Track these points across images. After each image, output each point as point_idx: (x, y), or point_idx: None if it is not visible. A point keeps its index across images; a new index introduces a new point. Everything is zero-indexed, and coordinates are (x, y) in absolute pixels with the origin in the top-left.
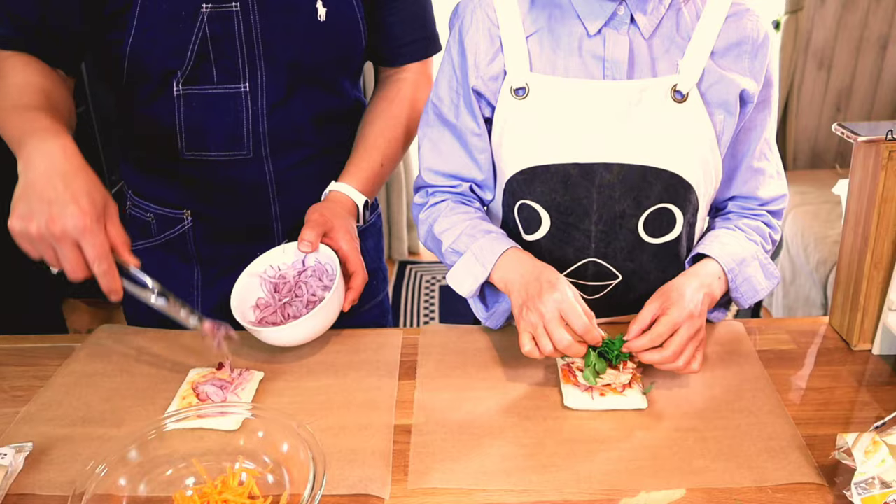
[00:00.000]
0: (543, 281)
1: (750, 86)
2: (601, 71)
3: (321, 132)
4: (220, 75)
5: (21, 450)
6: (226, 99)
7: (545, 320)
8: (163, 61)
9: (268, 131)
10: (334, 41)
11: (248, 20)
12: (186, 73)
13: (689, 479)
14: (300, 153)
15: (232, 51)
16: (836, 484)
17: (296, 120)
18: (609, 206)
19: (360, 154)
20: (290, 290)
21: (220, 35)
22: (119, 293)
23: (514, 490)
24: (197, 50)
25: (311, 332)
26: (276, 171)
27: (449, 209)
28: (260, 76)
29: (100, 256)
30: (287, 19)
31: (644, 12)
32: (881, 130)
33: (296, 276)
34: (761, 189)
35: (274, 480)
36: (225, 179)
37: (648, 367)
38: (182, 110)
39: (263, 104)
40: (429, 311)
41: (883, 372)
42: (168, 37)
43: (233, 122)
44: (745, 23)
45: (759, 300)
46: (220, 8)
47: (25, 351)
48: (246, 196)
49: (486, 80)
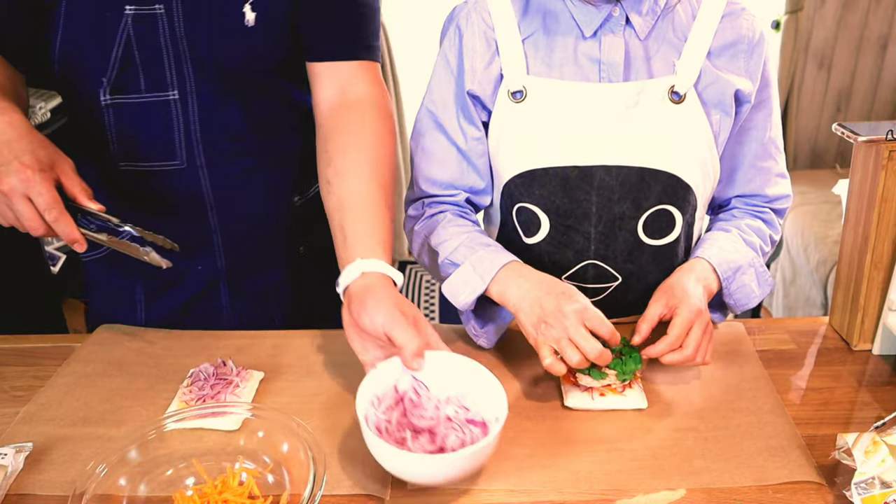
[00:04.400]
0: (558, 293)
1: (745, 86)
2: (597, 73)
3: (264, 141)
4: (147, 83)
5: (21, 450)
6: (155, 108)
7: (570, 332)
8: (89, 66)
9: (201, 140)
10: (264, 47)
11: (173, 23)
12: (112, 81)
13: (689, 479)
14: (240, 164)
15: (158, 56)
16: (836, 484)
17: (233, 128)
18: (608, 209)
19: (362, 214)
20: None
21: (145, 38)
22: (81, 242)
23: (514, 490)
24: (121, 54)
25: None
26: (213, 181)
27: (447, 221)
28: (189, 83)
29: (49, 204)
30: (213, 23)
31: (639, 13)
32: (881, 130)
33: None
34: (767, 188)
35: (274, 480)
36: (160, 190)
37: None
38: (112, 120)
39: (194, 112)
40: (429, 311)
41: (883, 372)
42: (93, 39)
43: (164, 131)
44: (740, 22)
45: (750, 307)
46: (144, 10)
47: (25, 351)
48: (183, 207)
49: (482, 84)
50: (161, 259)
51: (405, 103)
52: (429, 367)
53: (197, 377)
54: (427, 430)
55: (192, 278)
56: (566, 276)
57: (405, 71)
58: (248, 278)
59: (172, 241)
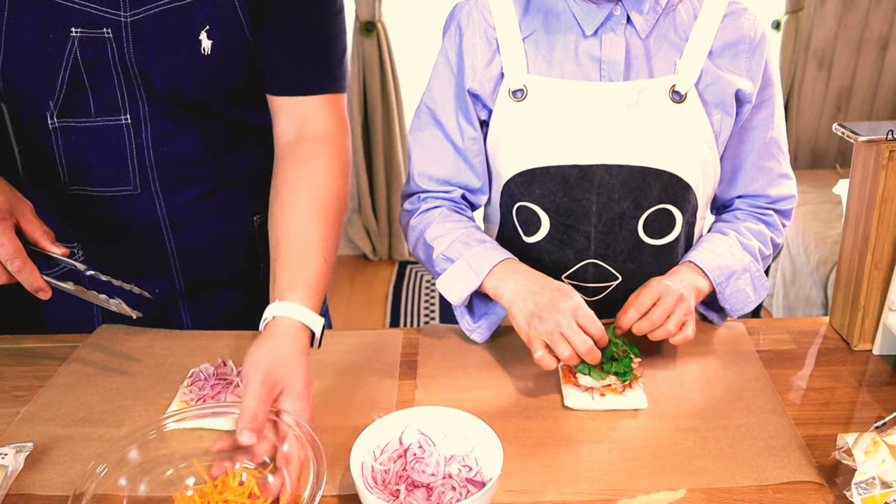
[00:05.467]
0: (552, 290)
1: (746, 85)
2: (598, 72)
3: (221, 164)
4: (97, 106)
5: (21, 450)
6: (106, 132)
7: (562, 327)
8: (34, 88)
9: (155, 166)
10: (221, 75)
11: (122, 48)
12: (60, 104)
13: (689, 479)
14: (197, 188)
15: (108, 80)
16: (836, 484)
17: (188, 153)
18: (608, 208)
19: (295, 253)
20: None
21: (94, 62)
22: (45, 290)
23: (514, 490)
24: (68, 77)
25: None
26: (168, 207)
27: (442, 216)
28: (141, 107)
29: (11, 254)
30: (164, 49)
31: (640, 12)
32: (881, 130)
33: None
34: (770, 188)
35: (274, 480)
36: (114, 215)
37: (650, 365)
38: (60, 144)
39: (147, 137)
40: (429, 311)
41: (883, 372)
42: (38, 61)
43: (115, 156)
44: (742, 22)
45: (746, 312)
46: (91, 33)
47: (25, 351)
48: (138, 233)
49: (482, 83)
50: (130, 309)
51: (405, 103)
52: (438, 423)
53: (197, 377)
54: (425, 485)
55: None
56: (566, 275)
57: (405, 71)
58: (208, 296)
59: (141, 289)
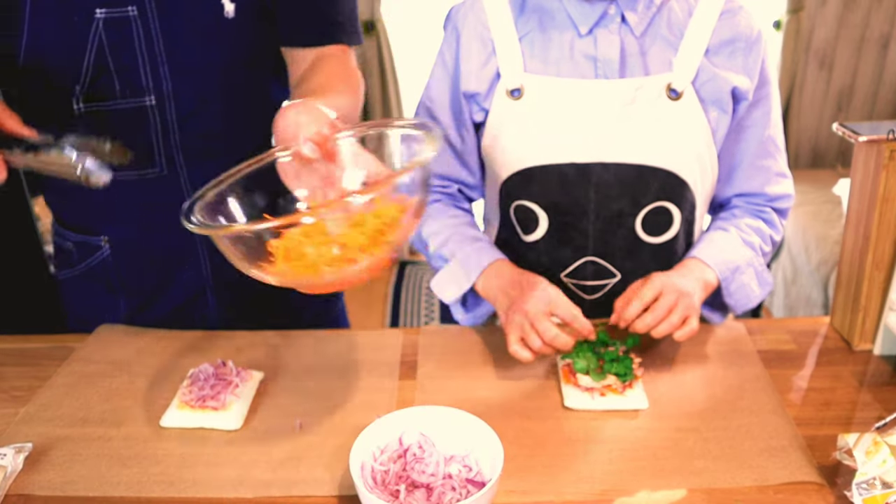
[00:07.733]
0: (524, 283)
1: (743, 83)
2: (593, 70)
3: (245, 142)
4: (122, 89)
5: (21, 450)
6: (131, 115)
7: (530, 316)
8: (59, 73)
9: (181, 146)
10: (245, 38)
11: (148, 24)
12: (86, 89)
13: (689, 480)
14: (221, 168)
15: (132, 60)
16: (837, 484)
17: (209, 130)
18: (606, 206)
19: (310, 79)
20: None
21: (118, 43)
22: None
23: (514, 490)
24: (94, 60)
25: None
26: (193, 186)
27: (438, 211)
28: (166, 86)
29: None
30: (190, 20)
31: (634, 10)
32: (882, 130)
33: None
34: (768, 186)
35: None
36: (140, 200)
37: (650, 365)
38: (84, 129)
39: (173, 116)
40: (429, 311)
41: (884, 372)
42: (62, 46)
43: (141, 139)
44: (738, 20)
45: (751, 307)
46: (116, 13)
47: (25, 351)
48: (164, 217)
49: (479, 83)
50: (100, 172)
51: (405, 103)
52: (438, 423)
53: (197, 377)
54: (425, 486)
55: (176, 287)
56: (565, 273)
57: (405, 71)
58: (235, 284)
59: (125, 150)
